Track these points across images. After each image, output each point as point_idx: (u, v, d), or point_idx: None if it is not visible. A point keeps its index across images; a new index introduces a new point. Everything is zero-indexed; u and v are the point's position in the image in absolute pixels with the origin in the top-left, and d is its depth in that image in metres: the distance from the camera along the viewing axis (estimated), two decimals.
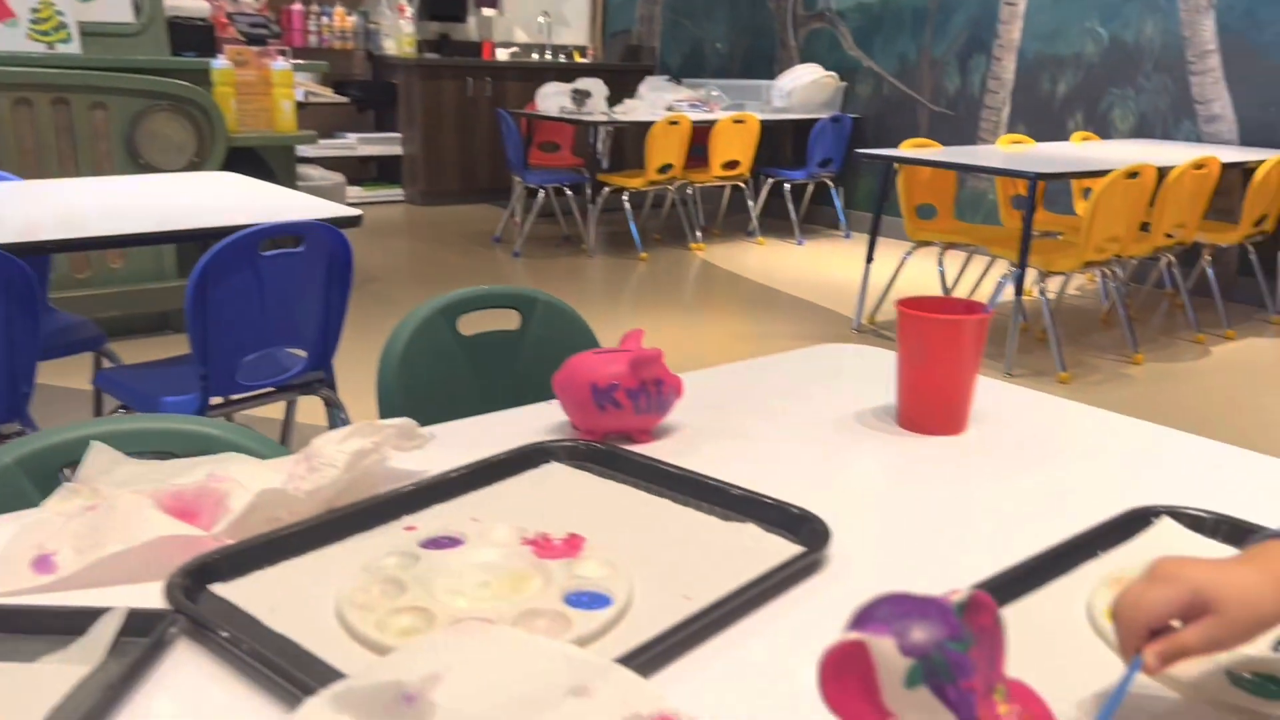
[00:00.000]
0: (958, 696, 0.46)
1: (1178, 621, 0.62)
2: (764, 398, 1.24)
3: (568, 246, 6.02)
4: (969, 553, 0.85)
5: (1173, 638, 0.61)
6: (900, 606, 0.49)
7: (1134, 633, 0.62)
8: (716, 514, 0.89)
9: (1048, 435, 1.16)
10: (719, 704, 0.65)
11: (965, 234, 4.53)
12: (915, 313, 1.09)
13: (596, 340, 1.51)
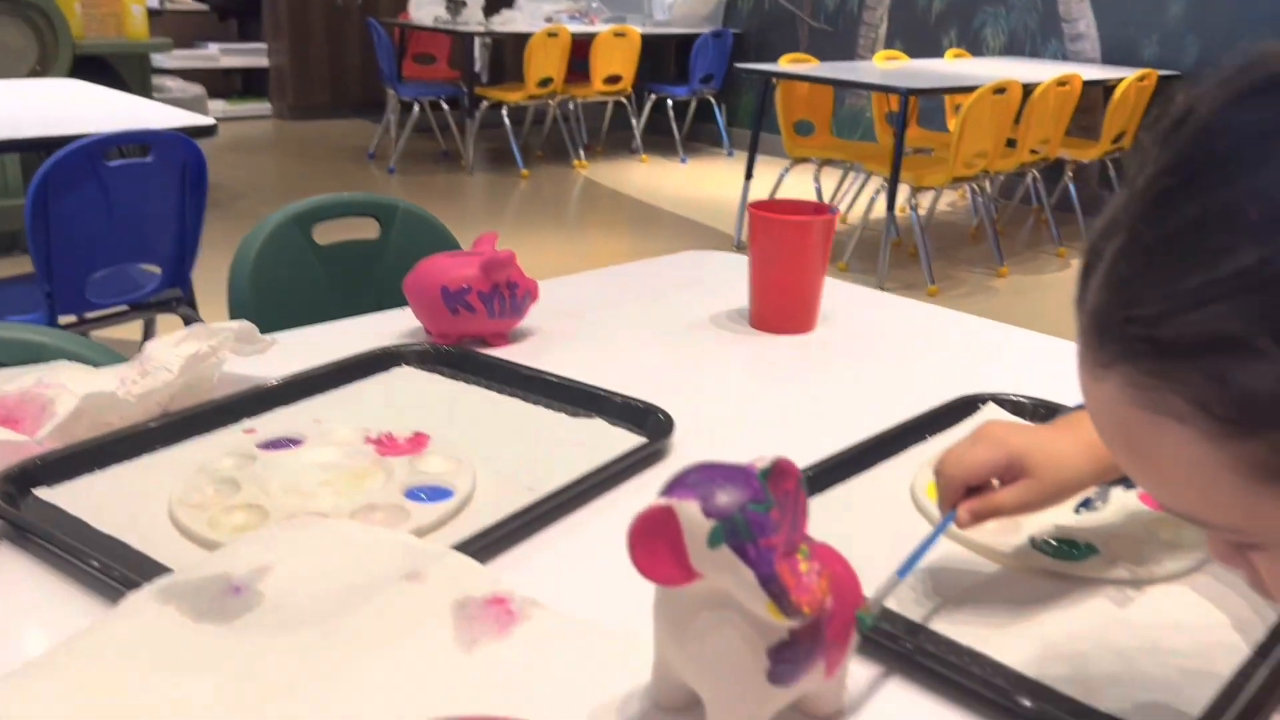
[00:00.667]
0: (757, 554, 0.48)
1: (996, 482, 0.66)
2: (622, 303, 1.25)
3: (446, 163, 5.88)
4: (809, 440, 0.87)
5: (987, 496, 0.66)
6: (708, 474, 0.51)
7: (953, 488, 0.66)
8: (565, 411, 0.90)
9: (893, 332, 1.20)
10: (556, 586, 0.66)
11: (841, 150, 4.60)
12: (765, 214, 1.11)
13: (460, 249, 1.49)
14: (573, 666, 0.58)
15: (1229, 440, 0.38)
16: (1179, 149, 0.40)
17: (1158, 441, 0.40)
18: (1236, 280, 0.36)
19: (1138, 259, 0.40)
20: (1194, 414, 0.38)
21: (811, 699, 0.55)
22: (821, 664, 0.52)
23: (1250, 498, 0.39)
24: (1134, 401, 0.40)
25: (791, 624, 0.50)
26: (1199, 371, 0.38)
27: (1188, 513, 0.43)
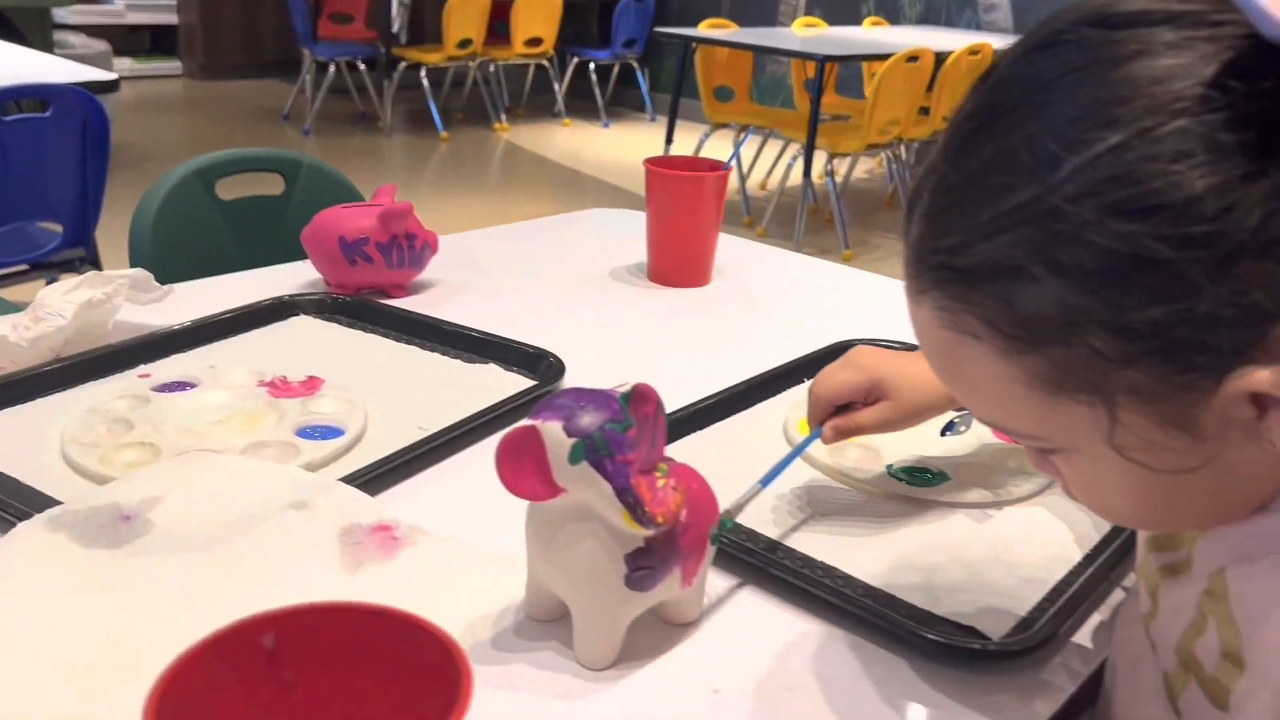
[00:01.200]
0: (614, 468, 0.52)
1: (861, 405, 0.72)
2: (524, 257, 1.28)
3: (364, 125, 5.79)
4: (695, 383, 0.91)
5: (850, 416, 0.71)
6: (572, 397, 0.54)
7: (820, 407, 0.72)
8: (461, 357, 0.93)
9: (784, 286, 1.25)
10: (443, 517, 0.69)
11: (761, 116, 4.65)
12: (659, 170, 1.15)
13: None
14: (453, 585, 0.62)
15: (1016, 355, 0.43)
16: (980, 98, 0.44)
17: (964, 358, 0.45)
18: (1016, 214, 0.41)
19: (943, 196, 0.44)
20: (988, 332, 0.43)
21: (671, 606, 0.60)
22: (678, 572, 0.57)
23: (1039, 406, 0.44)
24: (943, 323, 0.45)
25: (646, 533, 0.54)
26: (989, 295, 0.43)
27: (996, 422, 0.49)
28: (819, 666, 0.58)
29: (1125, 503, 0.48)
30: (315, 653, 0.40)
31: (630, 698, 0.55)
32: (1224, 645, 0.47)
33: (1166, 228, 0.38)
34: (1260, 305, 0.38)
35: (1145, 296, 0.39)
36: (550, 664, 0.57)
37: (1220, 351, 0.40)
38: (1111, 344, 0.40)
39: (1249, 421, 0.41)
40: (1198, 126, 0.38)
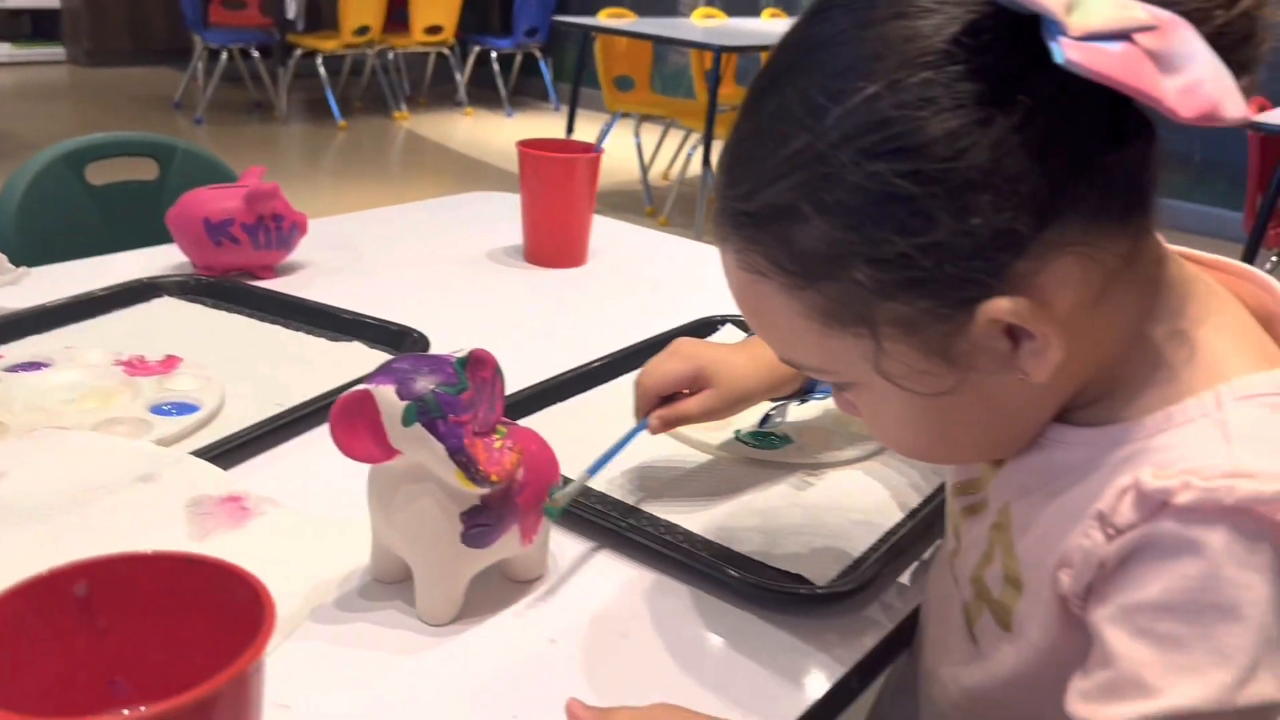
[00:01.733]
0: (447, 429, 0.54)
1: (687, 391, 0.74)
2: (400, 240, 1.29)
3: (259, 114, 5.66)
4: (564, 358, 0.93)
5: (675, 405, 0.74)
6: (407, 363, 0.56)
7: (646, 398, 0.74)
8: (325, 336, 0.94)
9: (658, 266, 1.28)
10: (297, 490, 0.70)
11: (661, 106, 4.69)
12: (532, 152, 1.17)
13: None
14: (301, 552, 0.63)
15: (797, 290, 0.47)
16: (769, 60, 0.48)
17: (759, 296, 0.49)
18: (791, 160, 0.45)
19: (736, 149, 0.48)
20: (774, 270, 0.47)
21: (514, 563, 0.62)
22: (516, 529, 0.59)
23: (820, 339, 0.48)
24: (740, 265, 0.49)
25: (481, 491, 0.56)
26: (772, 235, 0.46)
27: (790, 358, 0.52)
28: (655, 615, 0.61)
29: (906, 432, 0.52)
30: (131, 601, 0.41)
31: (469, 651, 0.57)
32: (1006, 571, 0.52)
33: (910, 166, 0.42)
34: (995, 237, 0.42)
35: (895, 230, 0.43)
36: (393, 622, 0.59)
37: (966, 283, 0.44)
38: (872, 277, 0.44)
39: (1004, 354, 0.46)
40: (940, 78, 0.42)
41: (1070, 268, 0.44)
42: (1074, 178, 0.43)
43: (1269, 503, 0.41)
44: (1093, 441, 0.48)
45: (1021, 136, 0.42)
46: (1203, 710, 0.42)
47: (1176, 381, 0.47)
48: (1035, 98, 0.42)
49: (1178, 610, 0.42)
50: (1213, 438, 0.44)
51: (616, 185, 4.83)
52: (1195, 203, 4.55)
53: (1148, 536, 0.43)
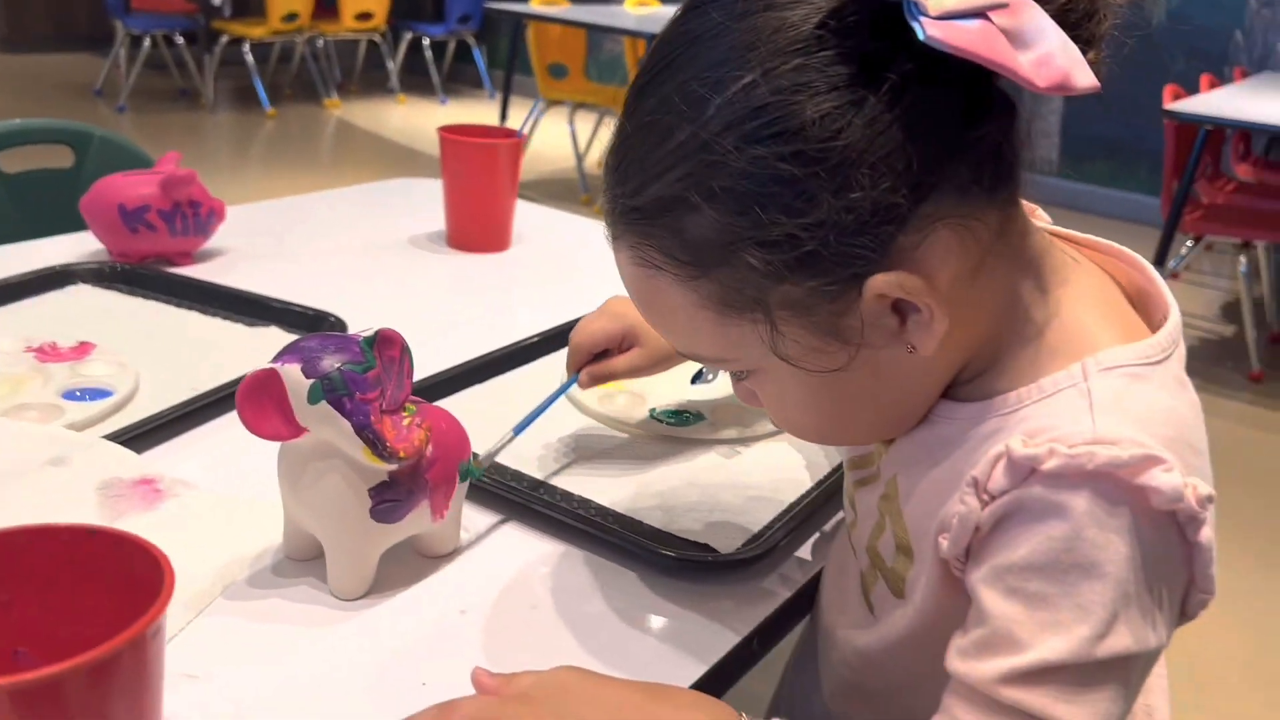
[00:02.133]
0: (353, 406, 0.55)
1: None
2: (322, 226, 1.29)
3: (184, 102, 5.55)
4: (486, 340, 0.95)
5: (603, 363, 0.76)
6: (314, 342, 0.57)
7: (577, 354, 0.77)
8: (242, 322, 0.94)
9: (582, 249, 1.30)
10: (212, 472, 0.71)
11: (595, 94, 4.69)
12: (453, 137, 1.17)
13: None
14: (215, 531, 0.64)
15: (692, 281, 0.49)
16: (646, 58, 0.50)
17: (655, 291, 0.51)
18: (677, 152, 0.46)
19: (621, 147, 0.50)
20: (668, 263, 0.49)
21: (426, 539, 0.64)
22: (426, 505, 0.60)
23: (718, 328, 0.50)
24: (635, 261, 0.51)
25: (389, 467, 0.57)
26: (663, 228, 0.48)
27: (690, 350, 0.54)
28: (563, 586, 0.63)
29: (806, 414, 0.54)
30: (33, 573, 0.42)
31: (380, 624, 0.59)
32: (898, 540, 0.55)
33: (790, 148, 0.44)
34: (875, 212, 0.45)
35: (781, 211, 0.45)
36: (305, 597, 0.60)
37: (852, 259, 0.46)
38: (762, 260, 0.46)
39: (893, 329, 0.48)
40: (812, 63, 0.44)
41: (949, 240, 0.47)
42: (944, 152, 0.46)
43: (1127, 467, 0.44)
44: (972, 415, 0.51)
45: (892, 114, 0.44)
46: (1067, 662, 0.45)
47: (1047, 355, 0.50)
48: (902, 77, 0.44)
49: (1044, 570, 0.45)
50: (1079, 407, 0.47)
51: (551, 173, 4.83)
52: (1118, 189, 4.69)
53: (1017, 501, 0.46)
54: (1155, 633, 0.46)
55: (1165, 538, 0.46)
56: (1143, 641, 0.46)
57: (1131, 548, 0.45)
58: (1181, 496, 0.44)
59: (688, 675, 0.57)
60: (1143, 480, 0.44)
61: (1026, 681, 0.45)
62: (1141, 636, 0.46)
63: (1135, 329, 0.52)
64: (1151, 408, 0.48)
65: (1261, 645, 1.90)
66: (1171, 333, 0.51)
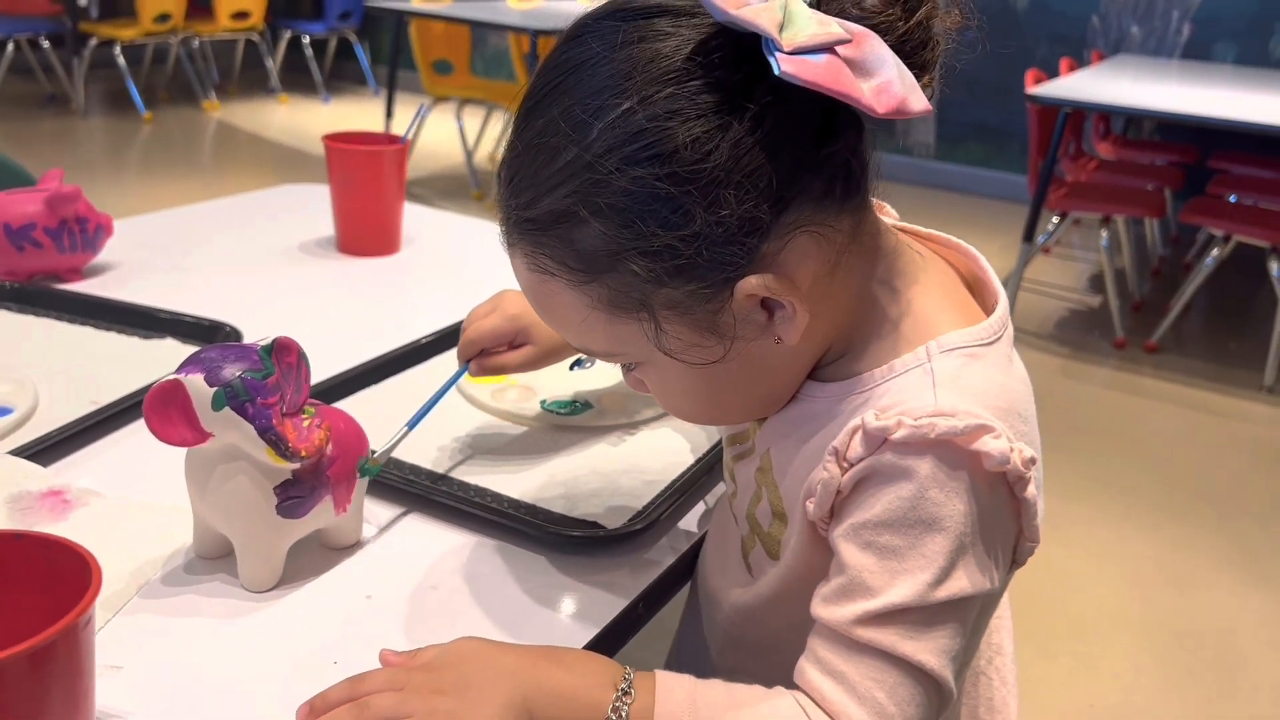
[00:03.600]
0: (255, 411, 0.59)
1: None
2: (210, 236, 1.30)
3: (54, 107, 5.35)
4: (378, 342, 0.98)
5: (497, 356, 0.82)
6: (215, 352, 0.61)
7: (468, 348, 0.81)
8: (137, 335, 0.96)
9: (471, 249, 1.34)
10: (119, 481, 0.74)
11: (482, 90, 4.69)
12: (338, 145, 1.20)
13: None
14: (127, 536, 0.67)
15: (583, 285, 0.54)
16: (532, 82, 0.55)
17: (548, 293, 0.56)
18: (564, 171, 0.51)
19: (514, 163, 0.54)
20: (560, 269, 0.54)
21: (330, 532, 0.68)
22: (329, 499, 0.65)
23: (607, 327, 0.55)
24: (529, 267, 0.56)
25: (292, 466, 0.61)
26: (555, 238, 0.53)
27: (583, 345, 0.59)
28: (462, 569, 0.68)
29: (687, 400, 0.60)
30: None
31: (291, 612, 0.63)
32: (773, 506, 0.61)
33: (666, 170, 0.49)
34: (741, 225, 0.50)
35: (659, 225, 0.50)
36: (218, 592, 0.64)
37: (723, 265, 0.52)
38: (645, 267, 0.52)
39: (762, 323, 0.54)
40: (683, 91, 0.50)
41: (807, 245, 0.53)
42: (801, 168, 0.52)
43: (963, 435, 0.51)
44: (834, 394, 0.58)
45: (754, 138, 0.50)
46: (911, 604, 0.52)
47: (897, 339, 0.57)
48: (762, 104, 0.50)
49: (894, 525, 0.52)
50: (924, 384, 0.54)
51: (442, 169, 4.82)
52: (991, 170, 4.91)
53: (871, 467, 0.53)
54: (989, 577, 0.53)
55: (997, 495, 0.53)
56: (978, 585, 0.53)
57: (968, 505, 0.52)
58: (1009, 460, 0.51)
59: (580, 639, 0.63)
60: (976, 446, 0.51)
61: (878, 622, 0.52)
62: (977, 581, 0.53)
63: (972, 314, 0.59)
64: (985, 383, 0.55)
65: (1128, 592, 2.06)
66: (1002, 317, 0.58)
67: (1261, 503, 2.43)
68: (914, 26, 0.52)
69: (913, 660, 0.52)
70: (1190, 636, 1.93)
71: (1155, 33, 4.65)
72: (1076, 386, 2.93)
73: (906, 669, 0.52)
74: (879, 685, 0.52)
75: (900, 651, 0.52)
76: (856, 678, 0.52)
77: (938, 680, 0.52)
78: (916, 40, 0.52)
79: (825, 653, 0.54)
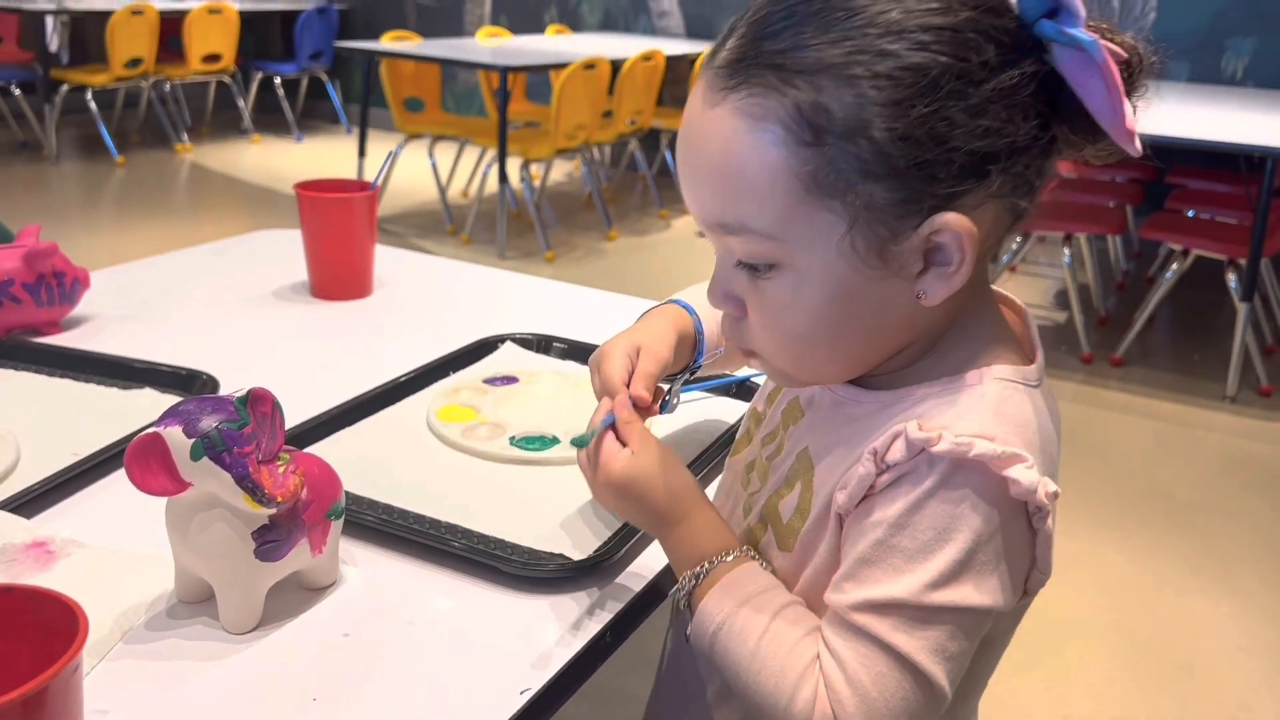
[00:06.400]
0: (232, 460, 0.62)
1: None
2: (185, 284, 1.33)
3: (26, 154, 5.36)
4: (352, 385, 1.01)
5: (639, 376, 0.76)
6: (192, 405, 0.64)
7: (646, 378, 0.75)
8: (116, 385, 0.99)
9: (441, 291, 1.37)
10: (102, 530, 0.76)
11: (453, 126, 4.75)
12: (309, 193, 1.24)
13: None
14: (110, 584, 0.70)
15: (802, 147, 0.53)
16: None
17: (749, 147, 0.54)
18: (856, 29, 0.52)
19: (780, 20, 0.54)
20: (789, 119, 0.53)
21: (308, 573, 0.70)
22: (305, 542, 0.68)
23: (795, 203, 0.54)
24: (744, 112, 0.54)
25: (269, 511, 0.64)
26: (807, 85, 0.53)
27: (743, 220, 0.56)
28: (436, 604, 0.71)
29: (810, 321, 0.58)
30: None
31: (272, 650, 0.66)
32: (801, 502, 0.64)
33: (955, 64, 0.52)
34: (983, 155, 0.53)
35: (915, 117, 0.52)
36: (200, 635, 0.66)
37: (939, 187, 0.54)
38: (878, 153, 0.52)
39: (915, 270, 0.56)
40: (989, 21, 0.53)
41: (997, 215, 0.57)
42: (1034, 140, 0.55)
43: (999, 459, 0.55)
44: (880, 401, 0.61)
45: (1028, 88, 0.53)
46: (906, 600, 0.55)
47: (956, 360, 0.60)
48: (1033, 73, 0.54)
49: (909, 528, 0.56)
50: (974, 406, 0.57)
51: (416, 206, 4.86)
52: None
53: (905, 471, 0.56)
54: (996, 595, 0.56)
55: (1014, 522, 0.57)
56: (983, 598, 0.56)
57: (986, 523, 0.55)
58: (1036, 490, 0.55)
59: (550, 668, 0.66)
60: (1008, 473, 0.55)
61: (874, 611, 0.56)
62: (982, 594, 0.56)
63: (1018, 351, 0.63)
64: (1026, 417, 0.58)
65: (1099, 601, 2.10)
66: (1040, 367, 0.62)
67: (1228, 509, 2.49)
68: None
69: (902, 652, 0.55)
70: (1161, 643, 1.97)
71: None
72: None
73: (897, 660, 0.56)
74: (866, 670, 0.56)
75: (891, 642, 0.56)
76: (848, 658, 0.56)
77: (928, 678, 0.56)
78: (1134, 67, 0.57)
79: (828, 631, 0.58)
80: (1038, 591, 0.62)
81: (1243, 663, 1.92)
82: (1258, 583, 2.17)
